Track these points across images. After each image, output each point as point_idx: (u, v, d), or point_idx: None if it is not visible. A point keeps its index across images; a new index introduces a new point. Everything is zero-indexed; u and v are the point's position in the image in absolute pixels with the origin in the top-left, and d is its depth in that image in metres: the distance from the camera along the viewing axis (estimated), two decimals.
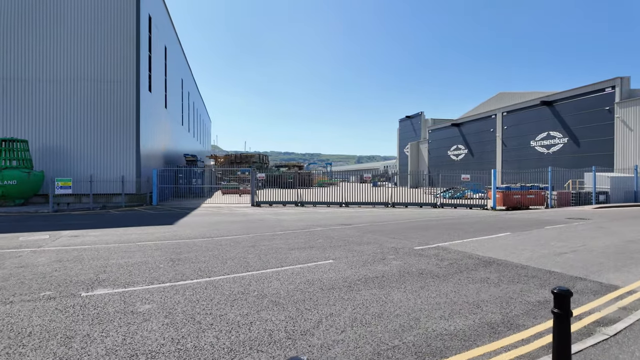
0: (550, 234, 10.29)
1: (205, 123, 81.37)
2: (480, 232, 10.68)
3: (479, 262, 6.88)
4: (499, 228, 11.48)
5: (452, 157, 54.53)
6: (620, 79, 31.57)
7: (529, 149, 40.67)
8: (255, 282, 5.50)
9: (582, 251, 7.94)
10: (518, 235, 10.06)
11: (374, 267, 6.44)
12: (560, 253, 7.73)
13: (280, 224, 12.69)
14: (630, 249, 8.19)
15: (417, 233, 10.42)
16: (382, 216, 16.00)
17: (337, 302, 4.65)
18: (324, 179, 54.26)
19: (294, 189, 26.71)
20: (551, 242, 9.02)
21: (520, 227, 11.84)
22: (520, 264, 6.73)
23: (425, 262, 6.84)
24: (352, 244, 8.55)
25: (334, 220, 14.15)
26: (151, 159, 28.03)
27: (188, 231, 10.86)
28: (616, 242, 9.16)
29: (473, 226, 12.06)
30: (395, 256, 7.28)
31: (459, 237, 9.72)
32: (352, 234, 10.14)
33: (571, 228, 11.45)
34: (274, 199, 25.17)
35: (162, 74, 33.22)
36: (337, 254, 7.44)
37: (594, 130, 33.61)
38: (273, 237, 9.71)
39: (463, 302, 4.69)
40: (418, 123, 68.25)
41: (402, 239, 9.40)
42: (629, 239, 9.49)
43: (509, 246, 8.41)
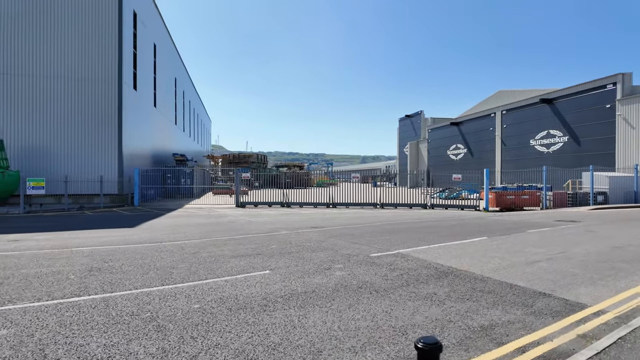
0: (530, 238, 9.42)
1: (205, 123, 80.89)
2: (455, 236, 9.84)
3: (435, 272, 6.05)
4: (478, 232, 10.62)
5: (452, 156, 53.50)
6: (622, 75, 30.46)
7: (528, 148, 39.60)
8: (158, 300, 4.72)
9: (559, 259, 7.08)
10: (494, 240, 9.20)
11: (311, 279, 5.64)
12: (533, 262, 6.88)
13: (248, 227, 11.92)
14: (613, 257, 7.32)
15: (386, 237, 9.60)
16: (363, 218, 15.17)
17: (235, 328, 3.85)
18: (324, 179, 53.46)
19: (290, 189, 25.82)
20: (528, 248, 8.16)
21: (501, 230, 10.97)
22: (481, 276, 5.90)
23: (373, 272, 6.02)
24: (305, 251, 7.75)
25: (308, 222, 13.36)
26: (137, 159, 27.40)
27: (143, 235, 10.12)
28: (601, 248, 8.29)
29: (452, 229, 11.21)
30: (344, 265, 6.46)
31: (429, 241, 8.88)
32: (314, 239, 9.34)
33: (556, 232, 10.56)
34: (264, 199, 24.40)
35: (151, 72, 32.60)
36: (280, 263, 6.65)
37: (594, 129, 32.52)
38: (226, 242, 8.94)
39: (389, 327, 3.88)
40: (418, 122, 67.24)
41: (364, 244, 8.59)
42: (616, 245, 8.61)
43: (478, 253, 7.57)
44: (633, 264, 6.75)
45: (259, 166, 71.89)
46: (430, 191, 33.68)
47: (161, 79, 36.16)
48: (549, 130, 37.08)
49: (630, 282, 5.61)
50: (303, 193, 25.59)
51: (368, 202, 23.79)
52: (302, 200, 24.19)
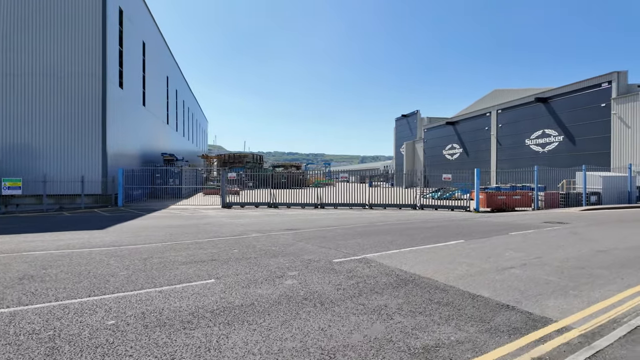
0: (510, 241, 8.92)
1: (200, 123, 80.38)
2: (431, 238, 9.34)
3: (395, 280, 5.55)
4: (458, 234, 10.12)
5: (447, 156, 53.01)
6: (617, 74, 29.97)
7: (524, 148, 39.12)
8: (72, 315, 4.21)
9: (534, 265, 6.58)
10: (471, 243, 8.70)
11: (256, 289, 5.14)
12: (505, 268, 6.38)
13: (220, 229, 11.41)
14: (594, 262, 6.82)
15: (359, 240, 9.10)
16: (346, 219, 14.67)
17: (140, 351, 3.35)
18: (321, 179, 52.92)
19: (282, 190, 25.18)
20: (504, 252, 7.66)
21: (483, 232, 10.47)
22: (444, 284, 5.40)
23: (327, 281, 5.52)
24: (265, 256, 7.25)
25: (286, 224, 12.86)
26: (124, 158, 26.89)
27: (106, 238, 9.62)
28: (583, 252, 7.79)
29: (431, 231, 10.71)
30: (299, 273, 5.96)
31: (401, 245, 8.39)
32: (282, 242, 8.84)
33: (540, 234, 10.06)
34: (253, 200, 23.86)
35: (140, 70, 32.08)
36: (231, 271, 6.14)
37: (590, 128, 32.05)
38: (188, 246, 8.43)
39: (317, 349, 3.38)
40: (414, 122, 66.74)
41: (333, 247, 8.09)
42: (601, 249, 8.11)
43: (448, 258, 7.07)
44: (613, 271, 6.26)
45: (254, 166, 71.32)
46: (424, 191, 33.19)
47: (151, 78, 35.65)
48: (544, 129, 36.60)
49: (607, 292, 5.12)
50: (293, 193, 25.05)
51: (357, 202, 23.28)
52: (290, 201, 23.69)
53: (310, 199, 23.54)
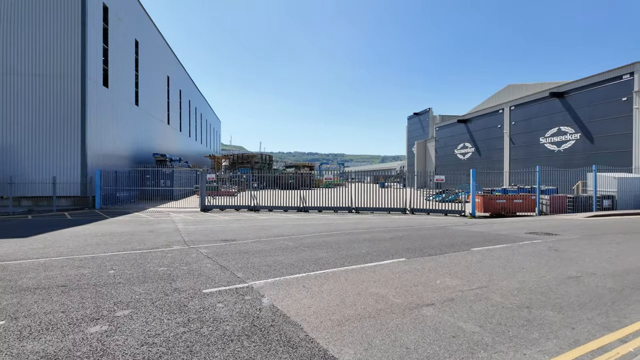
0: (461, 262, 7.22)
1: (211, 123, 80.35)
2: (367, 256, 7.73)
3: (246, 328, 4.05)
4: (407, 249, 8.45)
5: (459, 156, 50.46)
6: None
7: (538, 147, 36.41)
8: None
9: (462, 301, 4.94)
10: (411, 263, 7.06)
11: (24, 344, 3.75)
12: (420, 305, 4.77)
13: (147, 239, 10.15)
14: (549, 298, 5.11)
15: (280, 257, 7.61)
16: (308, 227, 13.15)
17: None
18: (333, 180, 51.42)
19: (294, 190, 23.63)
20: (440, 279, 6.01)
21: (442, 247, 8.76)
22: (305, 336, 3.87)
23: (153, 328, 4.08)
24: (131, 282, 5.87)
25: (232, 233, 11.52)
26: (110, 159, 26.26)
27: (7, 250, 8.52)
28: (547, 278, 6.05)
29: (381, 244, 9.07)
30: (131, 312, 4.54)
31: (323, 265, 6.84)
32: (186, 260, 7.46)
33: (508, 251, 8.28)
34: (237, 203, 22.57)
35: (132, 69, 31.51)
36: (47, 307, 4.79)
37: (609, 124, 29.23)
38: (70, 263, 7.18)
39: None
40: (426, 120, 64.29)
41: (234, 268, 6.63)
42: (573, 274, 6.34)
43: (359, 287, 5.49)
44: (568, 313, 4.55)
45: (263, 166, 70.56)
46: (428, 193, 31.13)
47: (146, 77, 35.09)
48: (560, 126, 33.88)
49: (534, 356, 3.47)
50: (282, 196, 23.49)
51: (343, 206, 21.68)
52: (276, 204, 22.31)
53: (295, 202, 22.10)
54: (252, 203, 21.96)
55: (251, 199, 22.07)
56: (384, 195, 22.25)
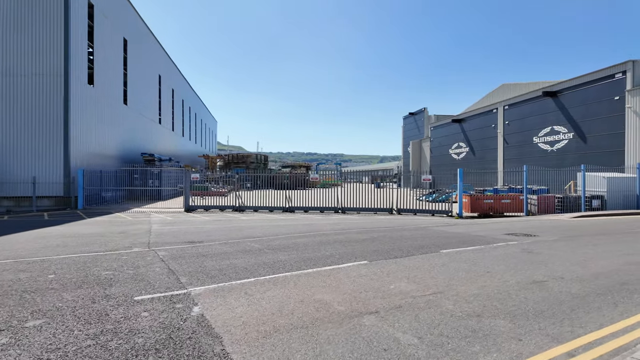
0: (424, 265, 6.88)
1: (206, 122, 79.93)
2: (330, 258, 7.39)
3: (160, 339, 3.71)
4: (374, 251, 8.10)
5: (454, 155, 50.17)
6: (632, 63, 26.87)
7: (532, 146, 36.11)
8: None
9: (409, 308, 4.59)
10: (373, 265, 6.71)
11: None
12: (364, 313, 4.43)
13: (110, 242, 9.80)
14: (505, 305, 4.78)
15: (238, 260, 7.27)
16: (287, 227, 12.80)
17: None
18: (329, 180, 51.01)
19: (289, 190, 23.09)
20: (396, 283, 5.67)
21: (411, 249, 8.42)
22: (221, 351, 3.53)
23: (63, 338, 3.74)
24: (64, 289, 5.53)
25: (205, 234, 11.18)
26: (96, 158, 25.90)
27: None
28: (510, 283, 5.72)
29: (352, 245, 8.73)
30: (50, 321, 4.20)
31: (278, 269, 6.50)
32: (138, 263, 7.12)
33: (478, 254, 7.94)
34: (222, 203, 22.19)
35: (120, 67, 31.13)
36: None
37: (602, 124, 28.95)
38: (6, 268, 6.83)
39: None
40: (421, 120, 63.98)
41: (186, 273, 6.28)
42: (540, 278, 6.01)
43: (306, 293, 5.15)
44: (520, 322, 4.21)
45: (258, 166, 70.21)
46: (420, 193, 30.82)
47: (136, 76, 34.72)
48: (553, 126, 33.60)
49: None
50: (269, 196, 23.01)
51: (329, 207, 21.34)
52: (263, 204, 21.91)
53: (281, 202, 21.74)
54: (237, 203, 21.61)
55: (236, 199, 21.72)
56: (373, 195, 21.86)
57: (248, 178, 34.91)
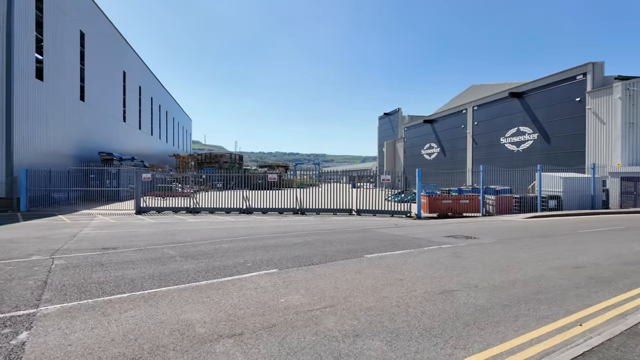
0: (336, 272, 6.34)
1: (179, 121, 78.06)
2: (237, 267, 6.77)
3: None
4: (293, 258, 7.52)
5: (426, 156, 50.36)
6: (592, 65, 27.26)
7: (499, 147, 36.43)
8: None
9: (280, 329, 4.01)
10: (272, 276, 6.12)
11: None
12: (208, 340, 3.82)
13: (20, 249, 8.90)
14: (394, 324, 4.25)
15: (135, 271, 6.56)
16: (227, 231, 12.11)
17: None
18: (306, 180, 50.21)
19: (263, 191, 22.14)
20: (284, 297, 5.08)
21: (338, 254, 7.88)
22: None
23: None
24: None
25: (132, 241, 10.37)
26: (47, 157, 24.54)
27: None
28: (416, 294, 5.22)
29: (273, 252, 8.13)
30: None
31: (172, 281, 5.83)
32: (15, 275, 6.32)
33: (401, 259, 7.46)
34: (179, 205, 21.19)
35: (76, 62, 29.68)
36: None
37: (565, 125, 29.33)
38: None
39: None
40: (396, 120, 64.11)
41: (59, 291, 5.54)
42: (452, 287, 5.54)
43: (156, 317, 4.52)
44: (400, 343, 3.68)
45: (232, 166, 68.82)
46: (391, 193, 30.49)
47: (95, 71, 33.22)
48: (519, 127, 33.94)
49: None
50: (228, 197, 22.03)
51: (288, 207, 20.71)
52: (221, 205, 21.02)
53: (239, 204, 20.95)
54: (191, 205, 20.73)
55: (190, 200, 20.84)
56: (336, 195, 21.06)
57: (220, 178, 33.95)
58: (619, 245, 8.96)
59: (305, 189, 23.88)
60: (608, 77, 26.88)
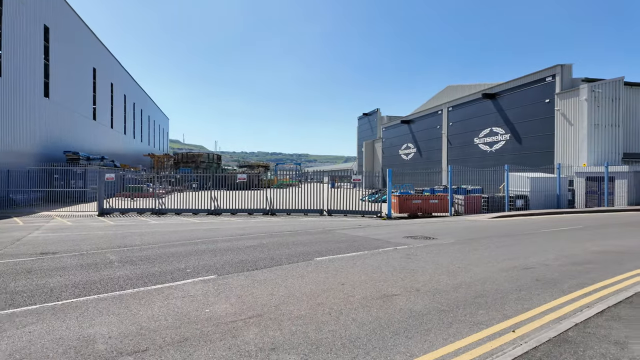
0: (277, 278, 6.04)
1: (155, 119, 76.32)
2: (174, 274, 6.39)
3: None
4: (239, 262, 7.18)
5: (403, 156, 50.66)
6: (561, 67, 27.82)
7: (473, 147, 36.87)
8: None
9: (188, 345, 3.68)
10: (207, 284, 5.76)
11: None
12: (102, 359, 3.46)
13: None
14: (320, 334, 3.98)
15: (57, 279, 6.10)
16: (187, 232, 11.64)
17: None
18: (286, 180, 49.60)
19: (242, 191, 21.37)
20: (210, 307, 4.75)
21: (289, 257, 7.58)
22: None
23: None
24: None
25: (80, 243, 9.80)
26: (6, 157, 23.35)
27: None
28: (353, 300, 4.97)
29: (220, 257, 7.78)
30: None
31: (85, 292, 5.41)
32: None
33: (350, 262, 7.22)
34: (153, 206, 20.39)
35: (39, 57, 28.45)
36: None
37: (535, 126, 29.87)
38: None
39: None
40: (375, 121, 64.32)
41: None
42: (392, 292, 5.32)
43: (56, 333, 4.12)
44: (315, 356, 3.40)
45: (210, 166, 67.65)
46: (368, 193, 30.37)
47: (61, 67, 31.95)
48: (492, 127, 34.40)
49: None
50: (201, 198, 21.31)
51: (258, 208, 20.30)
52: (188, 207, 20.40)
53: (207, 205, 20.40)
54: (157, 206, 20.06)
55: (156, 201, 20.17)
56: (308, 196, 20.58)
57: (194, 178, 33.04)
58: (573, 245, 8.97)
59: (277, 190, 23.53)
60: (576, 79, 27.48)
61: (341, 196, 19.97)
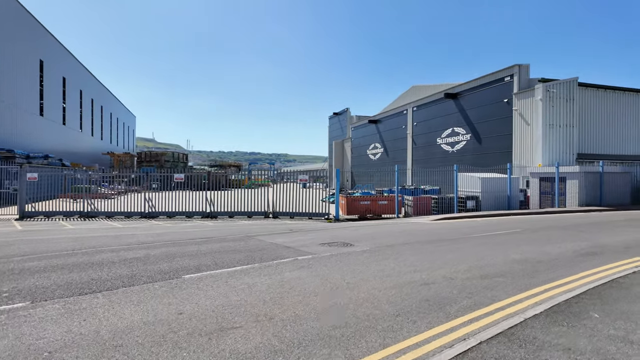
0: (104, 305, 4.89)
1: (119, 117, 73.19)
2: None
3: None
4: (80, 285, 5.97)
5: (371, 156, 50.12)
6: (518, 67, 27.67)
7: (435, 147, 36.57)
8: None
9: None
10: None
11: None
12: None
13: None
14: None
15: None
16: (77, 240, 10.29)
17: None
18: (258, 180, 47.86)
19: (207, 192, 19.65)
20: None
21: (159, 273, 6.43)
22: None
23: None
24: None
25: None
26: None
27: None
28: (177, 336, 3.88)
29: (70, 273, 6.55)
30: None
31: None
32: None
33: (222, 280, 6.10)
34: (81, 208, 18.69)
35: None
36: None
37: (494, 126, 29.68)
38: None
39: None
40: (344, 120, 63.65)
41: None
42: (234, 325, 4.25)
43: None
44: None
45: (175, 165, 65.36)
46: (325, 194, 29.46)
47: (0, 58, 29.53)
48: (454, 127, 34.13)
49: None
50: (133, 200, 19.73)
51: (197, 211, 18.97)
52: (123, 209, 18.84)
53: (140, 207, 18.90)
54: (85, 209, 18.45)
55: (85, 203, 18.55)
56: (256, 197, 19.23)
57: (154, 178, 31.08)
58: (496, 253, 8.19)
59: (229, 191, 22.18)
60: (533, 80, 27.35)
61: (300, 197, 18.68)
